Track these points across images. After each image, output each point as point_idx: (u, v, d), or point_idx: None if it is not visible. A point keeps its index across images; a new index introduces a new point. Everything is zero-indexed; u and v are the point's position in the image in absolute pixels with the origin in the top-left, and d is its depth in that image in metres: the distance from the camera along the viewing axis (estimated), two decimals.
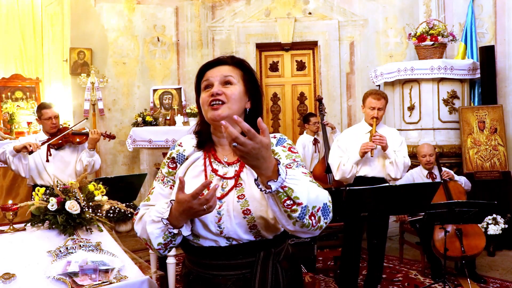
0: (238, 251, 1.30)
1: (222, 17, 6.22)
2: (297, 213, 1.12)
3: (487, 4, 5.26)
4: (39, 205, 2.19)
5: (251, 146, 1.05)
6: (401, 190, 2.94)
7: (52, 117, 3.62)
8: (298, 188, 1.12)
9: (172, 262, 3.19)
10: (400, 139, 3.45)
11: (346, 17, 6.06)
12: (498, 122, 4.86)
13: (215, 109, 1.32)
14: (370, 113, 3.36)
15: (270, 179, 1.10)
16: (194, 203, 1.17)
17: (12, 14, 5.93)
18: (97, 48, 5.94)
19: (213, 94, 1.33)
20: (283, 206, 1.12)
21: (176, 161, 1.42)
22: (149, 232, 1.29)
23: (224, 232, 1.29)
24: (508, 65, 5.07)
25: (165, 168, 1.44)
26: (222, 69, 1.40)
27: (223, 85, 1.36)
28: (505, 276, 3.92)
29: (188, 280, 1.41)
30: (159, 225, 1.27)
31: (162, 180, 1.43)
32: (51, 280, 1.73)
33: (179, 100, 6.10)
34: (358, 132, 3.48)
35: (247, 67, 1.44)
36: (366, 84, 5.94)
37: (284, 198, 1.11)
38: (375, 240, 3.33)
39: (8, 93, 5.82)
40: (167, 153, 1.47)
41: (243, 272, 1.31)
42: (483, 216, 3.63)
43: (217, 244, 1.31)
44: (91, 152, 3.70)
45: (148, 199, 1.42)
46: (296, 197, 1.11)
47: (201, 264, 1.36)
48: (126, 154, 6.04)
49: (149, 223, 1.30)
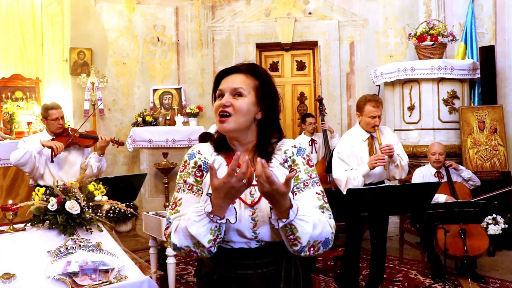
0: (267, 250, 1.36)
1: (222, 17, 6.22)
2: (297, 247, 1.29)
3: (487, 4, 5.26)
4: (39, 205, 2.19)
5: (267, 189, 1.19)
6: (401, 190, 2.94)
7: (59, 117, 3.62)
8: (302, 230, 1.26)
9: (172, 262, 3.19)
10: (396, 138, 3.38)
11: (346, 17, 6.06)
12: (498, 122, 4.86)
13: (222, 122, 1.36)
14: (371, 122, 3.23)
15: (280, 218, 1.25)
16: (233, 181, 1.19)
17: (12, 14, 5.93)
18: (97, 48, 5.94)
19: (220, 105, 1.37)
20: (286, 238, 1.29)
21: (202, 170, 1.42)
22: (195, 233, 1.24)
23: (259, 237, 1.34)
24: (508, 65, 5.07)
25: (191, 177, 1.41)
26: (235, 79, 1.40)
27: (234, 96, 1.38)
28: (505, 276, 3.92)
29: (212, 279, 1.41)
30: (203, 223, 1.25)
31: (191, 189, 1.40)
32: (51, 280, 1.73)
33: (179, 100, 6.10)
34: (356, 140, 3.33)
35: (262, 77, 1.43)
36: (366, 84, 5.95)
37: (289, 233, 1.27)
38: (375, 240, 3.33)
39: (8, 93, 5.82)
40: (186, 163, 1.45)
41: (270, 269, 1.38)
42: (483, 216, 3.63)
43: (248, 246, 1.35)
44: (100, 157, 3.70)
45: (177, 211, 1.37)
46: (298, 237, 1.26)
47: (229, 264, 1.37)
48: (126, 154, 6.04)
49: (190, 225, 1.25)
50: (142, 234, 5.32)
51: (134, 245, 5.10)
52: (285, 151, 1.43)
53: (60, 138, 3.65)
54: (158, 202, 5.69)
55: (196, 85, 6.26)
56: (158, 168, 5.58)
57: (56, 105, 3.72)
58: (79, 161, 3.72)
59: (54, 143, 3.46)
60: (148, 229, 3.48)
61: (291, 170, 1.41)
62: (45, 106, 3.75)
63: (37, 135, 3.81)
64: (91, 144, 3.78)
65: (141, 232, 5.37)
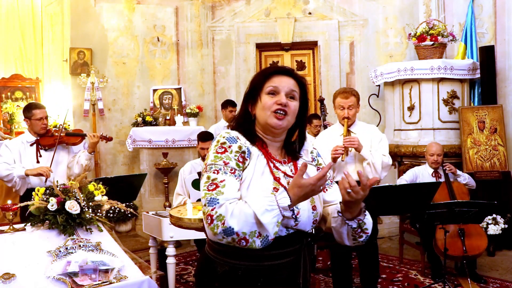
0: (294, 238, 1.41)
1: (222, 17, 6.22)
2: (363, 238, 1.42)
3: (487, 4, 5.26)
4: (39, 205, 2.19)
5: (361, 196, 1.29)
6: (401, 190, 2.94)
7: (43, 117, 3.53)
8: (367, 221, 1.40)
9: (172, 262, 3.19)
10: (380, 136, 3.26)
11: (346, 17, 6.06)
12: (498, 122, 4.86)
13: (280, 119, 1.42)
14: (340, 114, 3.17)
15: (355, 217, 1.37)
16: (318, 184, 1.27)
17: (12, 14, 5.93)
18: (97, 48, 5.94)
19: (282, 103, 1.42)
20: (352, 233, 1.40)
21: (245, 156, 1.41)
22: (266, 222, 1.26)
23: (299, 225, 1.40)
24: (508, 65, 5.07)
25: (233, 161, 1.38)
26: (290, 81, 1.46)
27: (287, 97, 1.44)
28: (505, 276, 3.92)
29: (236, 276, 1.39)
30: (274, 214, 1.27)
31: (233, 173, 1.37)
32: (51, 280, 1.73)
33: (179, 100, 6.10)
34: (332, 134, 3.28)
35: (305, 88, 1.52)
36: (366, 84, 5.95)
37: (356, 227, 1.39)
38: (374, 240, 3.31)
39: (8, 93, 5.82)
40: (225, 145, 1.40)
41: (292, 259, 1.42)
42: (483, 216, 3.63)
43: (279, 234, 1.36)
44: (91, 155, 3.63)
45: (221, 192, 1.33)
46: (366, 228, 1.40)
47: (256, 256, 1.36)
48: (126, 154, 6.04)
49: (262, 213, 1.26)
50: (142, 234, 5.32)
51: (134, 245, 5.10)
52: (311, 152, 1.58)
53: (44, 138, 3.57)
54: (158, 202, 5.69)
55: (196, 85, 6.26)
56: (158, 168, 5.58)
57: (40, 105, 3.64)
58: (66, 159, 3.65)
59: (41, 170, 3.33)
60: (148, 229, 3.48)
61: (317, 169, 1.55)
62: (28, 105, 3.63)
63: (20, 137, 3.67)
64: (78, 141, 3.70)
65: (141, 232, 5.38)
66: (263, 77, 1.47)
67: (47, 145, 3.57)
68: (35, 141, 3.56)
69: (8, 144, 3.55)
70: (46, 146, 3.57)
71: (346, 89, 3.30)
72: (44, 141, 3.56)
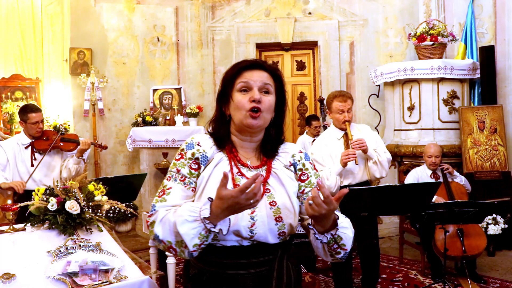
0: (259, 250, 1.33)
1: (222, 17, 6.22)
2: (341, 255, 1.33)
3: (487, 4, 5.26)
4: (39, 205, 2.19)
5: (325, 210, 1.19)
6: (401, 190, 2.94)
7: (39, 121, 3.50)
8: (345, 236, 1.30)
9: (172, 262, 3.19)
10: (374, 135, 3.30)
11: (346, 17, 6.06)
12: (498, 122, 4.86)
13: (254, 117, 1.31)
14: (340, 118, 3.16)
15: (325, 232, 1.27)
16: (241, 198, 1.13)
17: (12, 14, 5.93)
18: (97, 48, 5.94)
19: (255, 100, 1.31)
20: (328, 249, 1.32)
21: (199, 162, 1.36)
22: (183, 233, 1.18)
23: (255, 237, 1.31)
24: (508, 65, 5.07)
25: (185, 168, 1.35)
26: (262, 74, 1.35)
27: (261, 92, 1.34)
28: (505, 276, 3.92)
29: (201, 281, 1.36)
30: (195, 225, 1.18)
31: (183, 180, 1.34)
32: (51, 280, 1.73)
33: (179, 100, 6.10)
34: (330, 139, 3.26)
35: (281, 80, 1.41)
36: (366, 84, 5.95)
37: (332, 243, 1.29)
38: (375, 240, 3.32)
39: (8, 93, 5.82)
40: (183, 152, 1.37)
41: (261, 270, 1.33)
42: (483, 216, 3.63)
43: (240, 244, 1.31)
44: (79, 159, 3.60)
45: (164, 199, 1.32)
46: (343, 244, 1.30)
47: (219, 263, 1.33)
48: (126, 154, 6.04)
49: (181, 223, 1.19)
50: (142, 234, 5.32)
51: (134, 245, 5.10)
52: (293, 155, 1.44)
53: (39, 142, 3.55)
54: None
55: (196, 85, 6.26)
56: (158, 168, 5.58)
57: (36, 108, 3.57)
58: (59, 164, 3.63)
59: (14, 184, 3.28)
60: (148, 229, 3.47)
61: (301, 174, 1.43)
62: (24, 108, 3.57)
63: (15, 138, 3.65)
64: (72, 148, 3.67)
65: (141, 232, 5.38)
66: (233, 74, 1.37)
67: (41, 149, 3.55)
68: (30, 144, 3.54)
69: (3, 144, 3.52)
70: (40, 150, 3.55)
71: (342, 92, 3.29)
72: (38, 144, 3.54)
